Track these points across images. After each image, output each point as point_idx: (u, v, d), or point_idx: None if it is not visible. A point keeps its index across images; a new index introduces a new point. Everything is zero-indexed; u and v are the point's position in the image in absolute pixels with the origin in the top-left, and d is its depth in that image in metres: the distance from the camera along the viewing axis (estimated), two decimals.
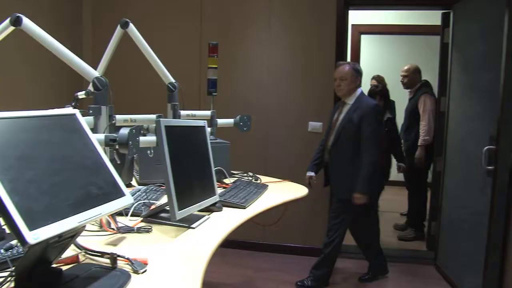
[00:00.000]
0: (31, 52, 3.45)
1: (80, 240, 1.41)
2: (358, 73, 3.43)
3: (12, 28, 1.75)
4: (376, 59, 7.49)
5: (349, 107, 3.40)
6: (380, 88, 4.34)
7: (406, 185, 4.96)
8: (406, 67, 4.79)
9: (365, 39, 6.76)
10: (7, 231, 1.59)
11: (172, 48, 4.21)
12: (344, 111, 3.43)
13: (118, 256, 1.32)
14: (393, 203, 5.99)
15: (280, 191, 2.56)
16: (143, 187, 2.21)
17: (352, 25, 6.02)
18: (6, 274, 1.18)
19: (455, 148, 3.77)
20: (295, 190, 2.63)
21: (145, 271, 1.30)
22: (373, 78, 5.54)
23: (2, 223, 1.59)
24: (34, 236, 0.93)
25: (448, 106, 3.93)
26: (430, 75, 4.97)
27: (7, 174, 0.96)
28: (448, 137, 3.91)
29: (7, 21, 1.73)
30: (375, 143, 3.27)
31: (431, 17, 5.27)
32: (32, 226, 0.94)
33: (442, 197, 3.99)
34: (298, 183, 2.86)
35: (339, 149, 3.42)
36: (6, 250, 1.38)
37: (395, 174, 4.81)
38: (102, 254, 1.36)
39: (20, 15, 1.69)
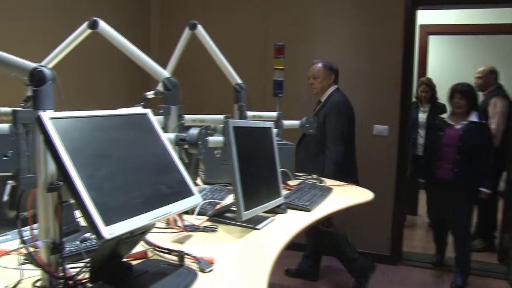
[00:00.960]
0: (102, 53, 3.61)
1: (148, 236, 1.44)
2: (331, 70, 3.41)
3: (89, 31, 1.84)
4: (445, 61, 7.20)
5: (321, 105, 3.42)
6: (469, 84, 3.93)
7: None
8: (480, 69, 4.57)
9: (433, 40, 6.53)
10: (82, 223, 1.66)
11: (236, 49, 4.24)
12: (317, 109, 3.45)
13: (186, 254, 1.34)
14: None
15: (345, 195, 2.51)
16: (208, 187, 2.25)
17: (420, 25, 5.83)
18: (81, 265, 1.23)
19: None
20: (360, 194, 2.57)
21: (211, 270, 1.31)
22: (423, 83, 5.04)
23: (77, 216, 1.67)
24: (109, 232, 0.96)
25: None
26: (503, 77, 4.70)
27: (85, 170, 1.00)
28: None
29: (85, 24, 1.82)
30: (338, 141, 3.19)
31: (505, 15, 5.00)
32: (107, 222, 0.97)
33: None
34: (362, 187, 2.81)
35: (303, 147, 3.41)
36: (81, 242, 1.44)
37: None
38: (170, 251, 1.39)
39: (97, 19, 1.76)
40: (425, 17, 5.78)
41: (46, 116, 1.01)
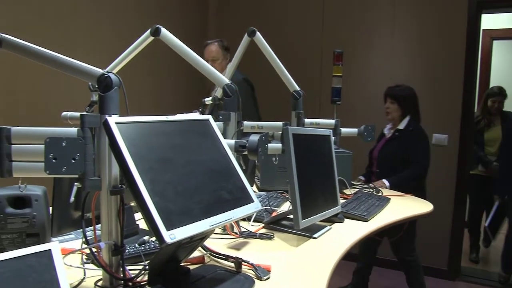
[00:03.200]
0: (161, 59, 3.71)
1: (204, 242, 1.45)
2: (226, 49, 3.35)
3: (151, 38, 1.88)
4: (510, 67, 6.84)
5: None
6: None
7: None
8: None
9: (497, 45, 6.23)
10: (140, 226, 1.70)
11: (292, 55, 4.23)
12: (215, 88, 3.36)
13: (243, 260, 1.33)
14: None
15: (403, 206, 2.44)
16: (264, 193, 2.24)
17: (483, 30, 5.58)
18: (140, 267, 1.25)
19: None
20: (419, 206, 2.49)
21: (268, 278, 1.30)
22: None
23: (136, 218, 1.71)
24: (171, 236, 0.97)
25: None
26: None
27: (148, 175, 1.02)
28: None
29: (148, 32, 1.86)
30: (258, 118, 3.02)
31: None
32: (169, 226, 0.98)
33: None
34: (420, 198, 2.71)
35: None
36: (140, 244, 1.47)
37: None
38: (227, 258, 1.39)
39: (159, 26, 1.80)
40: (488, 21, 5.52)
41: (112, 120, 1.03)
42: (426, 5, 3.93)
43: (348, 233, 1.81)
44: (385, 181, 2.99)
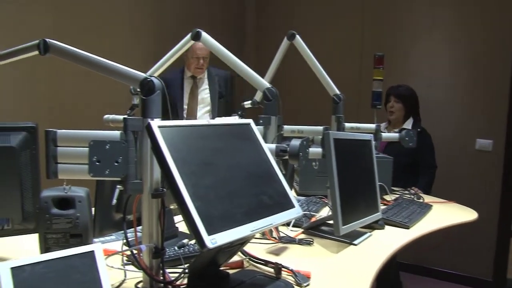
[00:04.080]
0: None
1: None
2: None
3: (192, 42, 1.89)
4: None
5: (206, 81, 3.41)
6: None
7: None
8: None
9: None
10: (180, 229, 1.71)
11: (331, 58, 4.19)
12: (203, 86, 3.41)
13: (283, 266, 1.32)
14: None
15: (446, 213, 2.37)
16: (303, 198, 2.22)
17: None
18: (179, 270, 1.25)
19: None
20: (462, 213, 2.41)
21: (308, 284, 1.28)
22: None
23: (175, 221, 1.72)
24: (212, 241, 0.97)
25: None
26: None
27: (190, 179, 1.02)
28: None
29: (188, 36, 1.88)
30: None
31: None
32: (210, 231, 0.98)
33: None
34: (464, 205, 2.63)
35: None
36: (179, 247, 1.48)
37: None
38: (266, 263, 1.38)
39: (200, 30, 1.81)
40: None
41: (155, 124, 1.04)
42: (469, 5, 3.80)
43: (389, 240, 1.77)
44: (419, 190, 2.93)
